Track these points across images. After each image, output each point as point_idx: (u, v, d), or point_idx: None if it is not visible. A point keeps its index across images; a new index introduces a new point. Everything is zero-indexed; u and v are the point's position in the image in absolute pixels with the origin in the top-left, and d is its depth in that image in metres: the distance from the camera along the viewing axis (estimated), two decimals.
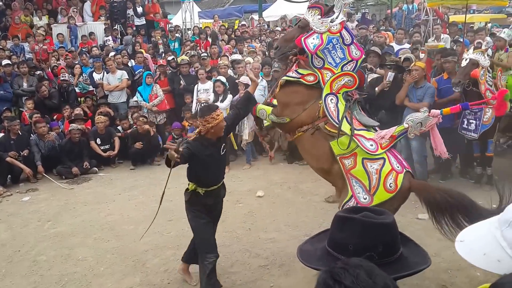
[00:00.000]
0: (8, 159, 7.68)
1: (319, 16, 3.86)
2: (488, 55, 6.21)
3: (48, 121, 8.71)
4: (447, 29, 10.20)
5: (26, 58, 11.14)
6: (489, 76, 6.01)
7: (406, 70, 6.48)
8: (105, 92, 9.76)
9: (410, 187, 3.60)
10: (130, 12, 13.85)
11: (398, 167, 3.62)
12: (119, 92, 9.63)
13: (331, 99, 3.81)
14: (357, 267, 1.18)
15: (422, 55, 8.05)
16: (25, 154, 7.89)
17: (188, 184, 3.94)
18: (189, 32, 14.54)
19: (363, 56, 3.97)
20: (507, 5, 16.69)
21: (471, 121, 6.01)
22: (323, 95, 3.82)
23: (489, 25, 13.53)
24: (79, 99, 9.83)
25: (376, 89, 6.48)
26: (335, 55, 3.84)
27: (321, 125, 3.85)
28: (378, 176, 3.55)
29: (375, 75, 6.94)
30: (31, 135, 8.32)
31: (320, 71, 3.89)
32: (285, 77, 4.12)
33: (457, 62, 6.51)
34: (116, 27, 13.35)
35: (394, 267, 1.49)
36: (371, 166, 3.59)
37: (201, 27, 14.44)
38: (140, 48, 11.55)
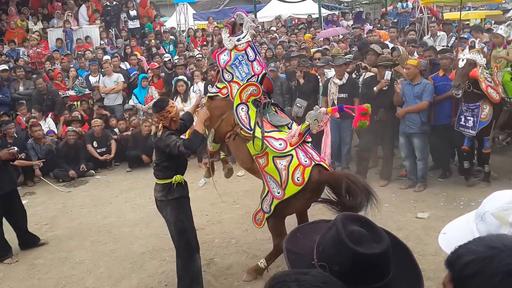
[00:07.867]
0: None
1: (228, 35, 4.31)
2: (483, 52, 6.17)
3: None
4: (441, 27, 10.23)
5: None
6: (486, 73, 5.98)
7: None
8: (101, 94, 9.77)
9: (320, 179, 3.76)
10: (125, 15, 13.82)
11: (306, 161, 3.83)
12: (115, 94, 9.68)
13: (242, 108, 4.18)
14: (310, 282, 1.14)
15: (415, 53, 8.03)
16: (22, 157, 7.85)
17: (169, 180, 3.91)
18: (184, 34, 14.52)
19: (264, 71, 4.24)
20: (503, 1, 16.71)
21: (468, 118, 5.94)
22: (234, 105, 4.18)
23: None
24: (75, 102, 9.81)
25: (375, 88, 6.45)
26: (241, 70, 4.23)
27: (238, 131, 4.19)
28: (287, 171, 3.81)
29: (370, 74, 6.89)
30: (29, 139, 8.30)
31: (229, 84, 4.27)
32: (208, 94, 4.63)
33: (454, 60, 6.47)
34: (111, 30, 13.33)
35: None
36: (280, 163, 3.86)
37: (196, 29, 14.42)
38: (132, 51, 11.54)
